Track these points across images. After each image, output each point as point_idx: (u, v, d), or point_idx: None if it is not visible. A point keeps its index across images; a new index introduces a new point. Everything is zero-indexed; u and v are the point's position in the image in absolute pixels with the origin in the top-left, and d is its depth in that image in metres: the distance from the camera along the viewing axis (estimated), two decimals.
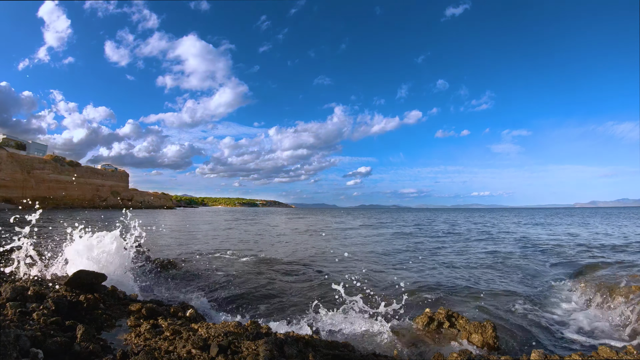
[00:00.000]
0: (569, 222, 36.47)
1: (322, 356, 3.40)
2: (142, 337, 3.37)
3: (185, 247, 14.71)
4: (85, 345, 2.86)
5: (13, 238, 5.65)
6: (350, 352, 3.76)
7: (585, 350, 4.42)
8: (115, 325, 3.78)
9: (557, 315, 6.01)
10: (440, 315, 4.53)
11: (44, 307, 3.52)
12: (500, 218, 51.85)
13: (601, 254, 12.75)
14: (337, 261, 11.30)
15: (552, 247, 15.31)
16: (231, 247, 14.92)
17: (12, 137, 76.88)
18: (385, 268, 10.23)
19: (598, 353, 3.76)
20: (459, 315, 4.52)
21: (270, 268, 9.98)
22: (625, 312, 5.36)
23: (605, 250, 14.03)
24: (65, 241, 6.61)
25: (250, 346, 3.07)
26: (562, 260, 11.53)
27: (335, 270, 9.81)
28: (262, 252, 13.47)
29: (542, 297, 7.11)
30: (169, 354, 2.93)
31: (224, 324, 3.80)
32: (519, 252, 13.83)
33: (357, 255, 13.12)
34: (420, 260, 11.67)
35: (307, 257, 12.15)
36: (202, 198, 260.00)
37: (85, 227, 6.72)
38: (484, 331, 4.12)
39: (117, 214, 38.26)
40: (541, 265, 10.86)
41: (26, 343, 2.51)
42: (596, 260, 11.35)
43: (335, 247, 15.45)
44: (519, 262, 11.36)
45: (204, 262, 10.65)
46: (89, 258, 6.12)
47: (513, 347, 4.69)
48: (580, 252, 13.40)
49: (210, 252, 12.84)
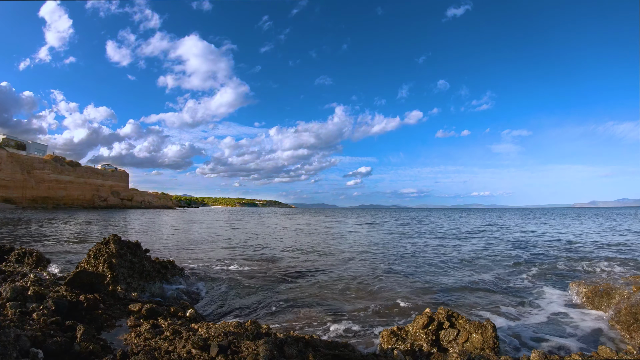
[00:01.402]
0: (567, 223, 36.54)
1: (322, 356, 3.40)
2: (142, 337, 3.37)
3: (186, 247, 14.71)
4: (85, 345, 2.86)
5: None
6: (351, 352, 3.76)
7: (585, 350, 4.43)
8: (115, 325, 3.78)
9: (557, 315, 6.01)
10: (440, 316, 4.53)
11: (44, 307, 3.52)
12: (500, 218, 51.90)
13: (601, 253, 12.77)
14: (333, 261, 11.31)
15: (551, 246, 15.32)
16: (229, 247, 14.92)
17: (12, 137, 76.87)
18: (384, 268, 10.22)
19: (598, 353, 3.76)
20: (459, 315, 4.51)
21: (269, 269, 9.99)
22: (623, 312, 5.36)
23: (604, 250, 14.04)
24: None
25: (250, 346, 3.07)
26: (562, 260, 11.54)
27: (333, 270, 9.82)
28: (261, 252, 13.47)
29: (542, 297, 7.11)
30: (169, 354, 2.93)
31: (224, 324, 3.80)
32: (515, 252, 13.84)
33: (352, 255, 13.12)
34: (417, 258, 11.68)
35: (302, 257, 12.16)
36: (202, 198, 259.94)
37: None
38: (484, 331, 4.12)
39: (117, 214, 38.24)
40: (538, 264, 10.86)
41: (26, 343, 2.51)
42: (596, 260, 11.36)
43: (331, 247, 15.46)
44: (514, 261, 11.37)
45: (204, 262, 10.65)
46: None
47: (513, 347, 4.69)
48: (580, 252, 13.42)
49: (209, 252, 12.85)
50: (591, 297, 6.45)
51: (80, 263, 6.53)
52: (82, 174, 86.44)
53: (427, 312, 4.64)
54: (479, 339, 4.06)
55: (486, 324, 4.19)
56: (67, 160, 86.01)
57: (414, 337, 4.31)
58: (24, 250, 8.10)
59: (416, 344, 4.22)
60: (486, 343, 4.03)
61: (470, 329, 4.20)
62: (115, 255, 6.33)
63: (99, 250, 6.49)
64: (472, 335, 4.14)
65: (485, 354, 3.83)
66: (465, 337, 4.18)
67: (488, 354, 3.84)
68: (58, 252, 11.73)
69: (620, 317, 5.35)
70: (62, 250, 12.29)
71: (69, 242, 14.92)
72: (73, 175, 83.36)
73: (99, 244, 6.64)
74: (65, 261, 10.06)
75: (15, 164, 70.36)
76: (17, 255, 7.86)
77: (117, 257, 6.34)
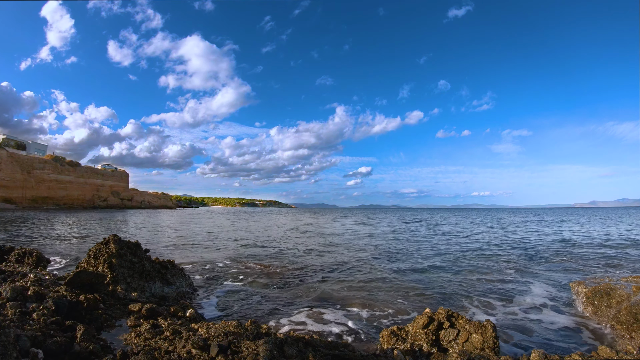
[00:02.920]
0: (567, 223, 36.55)
1: (322, 356, 3.40)
2: (142, 337, 3.37)
3: (186, 247, 14.71)
4: (85, 345, 2.86)
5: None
6: (351, 352, 3.76)
7: (585, 350, 4.43)
8: (115, 325, 3.78)
9: (556, 315, 6.01)
10: (440, 316, 4.53)
11: (44, 307, 3.52)
12: (502, 218, 51.91)
13: (601, 253, 12.78)
14: (333, 261, 11.31)
15: (550, 246, 15.33)
16: (229, 247, 14.93)
17: (12, 137, 76.87)
18: (383, 268, 10.22)
19: (598, 353, 3.76)
20: (459, 315, 4.51)
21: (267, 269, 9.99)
22: (623, 312, 5.36)
23: (604, 250, 14.04)
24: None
25: (250, 346, 3.07)
26: (561, 260, 11.54)
27: (331, 271, 9.82)
28: (261, 251, 13.48)
29: (542, 297, 7.11)
30: (169, 354, 2.93)
31: (224, 324, 3.80)
32: (514, 251, 13.84)
33: (351, 254, 13.13)
34: (414, 257, 11.69)
35: (302, 257, 12.16)
36: (201, 198, 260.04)
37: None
38: (484, 331, 4.12)
39: (117, 214, 38.19)
40: (536, 265, 10.86)
41: (26, 343, 2.51)
42: (596, 260, 11.37)
43: (327, 245, 15.46)
44: (513, 260, 11.37)
45: (204, 262, 10.65)
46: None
47: (513, 347, 4.70)
48: (580, 252, 13.42)
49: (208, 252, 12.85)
50: (591, 297, 6.45)
51: (80, 263, 6.53)
52: (82, 174, 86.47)
53: (427, 312, 4.64)
54: (479, 339, 4.06)
55: (486, 324, 4.19)
56: (67, 160, 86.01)
57: (414, 337, 4.31)
58: (24, 250, 8.10)
59: (416, 344, 4.22)
60: (486, 343, 4.03)
61: (470, 329, 4.20)
62: (115, 255, 6.33)
63: (99, 250, 6.48)
64: (472, 335, 4.13)
65: (485, 354, 3.84)
66: (465, 337, 4.18)
67: (488, 354, 3.84)
68: (58, 252, 11.73)
69: (620, 317, 5.34)
70: (62, 250, 12.30)
71: (69, 242, 14.93)
72: (73, 175, 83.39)
73: (99, 244, 6.64)
74: (66, 261, 10.07)
75: (15, 164, 70.36)
76: (17, 255, 7.85)
77: (117, 257, 6.34)
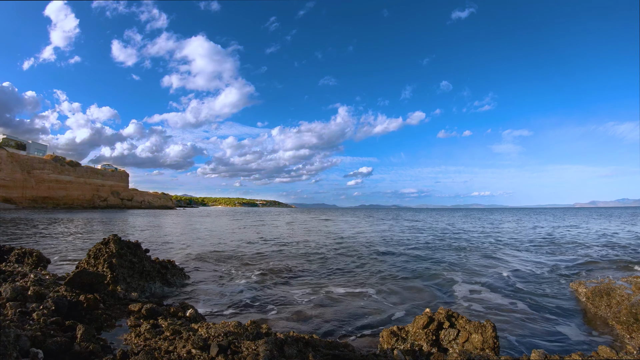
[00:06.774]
0: (568, 222, 36.54)
1: (322, 356, 3.40)
2: (142, 337, 3.37)
3: (186, 247, 14.71)
4: (85, 345, 2.86)
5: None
6: (351, 352, 3.76)
7: (585, 350, 4.42)
8: (115, 325, 3.78)
9: (556, 315, 6.01)
10: (440, 316, 4.53)
11: (44, 307, 3.52)
12: (502, 218, 51.86)
13: (601, 253, 12.78)
14: (334, 260, 11.31)
15: (551, 246, 15.33)
16: (229, 247, 14.93)
17: (12, 137, 76.90)
18: (381, 269, 10.22)
19: (598, 353, 3.76)
20: (459, 315, 4.51)
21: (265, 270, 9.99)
22: (623, 312, 5.36)
23: (604, 249, 14.04)
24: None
25: (250, 346, 3.07)
26: (560, 260, 11.54)
27: (334, 270, 9.82)
28: (261, 251, 13.48)
29: (542, 297, 7.11)
30: (169, 354, 2.93)
31: (223, 324, 3.79)
32: (518, 252, 13.84)
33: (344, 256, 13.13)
34: (414, 257, 11.69)
35: (303, 257, 12.16)
36: (202, 198, 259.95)
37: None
38: (484, 331, 4.12)
39: (117, 214, 38.16)
40: (535, 264, 10.86)
41: (26, 343, 2.51)
42: (596, 259, 11.36)
43: (323, 245, 15.47)
44: (515, 260, 11.38)
45: (204, 262, 10.65)
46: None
47: (513, 347, 4.70)
48: (580, 252, 13.42)
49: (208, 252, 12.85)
50: (591, 297, 6.45)
51: (80, 263, 6.53)
52: (82, 174, 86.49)
53: (427, 312, 4.63)
54: (479, 339, 4.05)
55: (486, 324, 4.18)
56: (67, 160, 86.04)
57: (414, 337, 4.31)
58: (24, 250, 8.10)
59: (416, 344, 4.22)
60: (486, 343, 4.02)
61: (470, 329, 4.20)
62: (115, 255, 6.33)
63: (99, 250, 6.49)
64: (472, 335, 4.13)
65: (485, 354, 3.83)
66: (465, 337, 4.18)
67: (488, 354, 3.84)
68: (58, 252, 11.73)
69: (620, 317, 5.34)
70: (62, 250, 12.30)
71: (69, 241, 14.93)
72: (73, 175, 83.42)
73: (99, 244, 6.65)
74: (66, 261, 10.07)
75: (15, 164, 70.38)
76: (17, 255, 7.85)
77: (117, 257, 6.35)
